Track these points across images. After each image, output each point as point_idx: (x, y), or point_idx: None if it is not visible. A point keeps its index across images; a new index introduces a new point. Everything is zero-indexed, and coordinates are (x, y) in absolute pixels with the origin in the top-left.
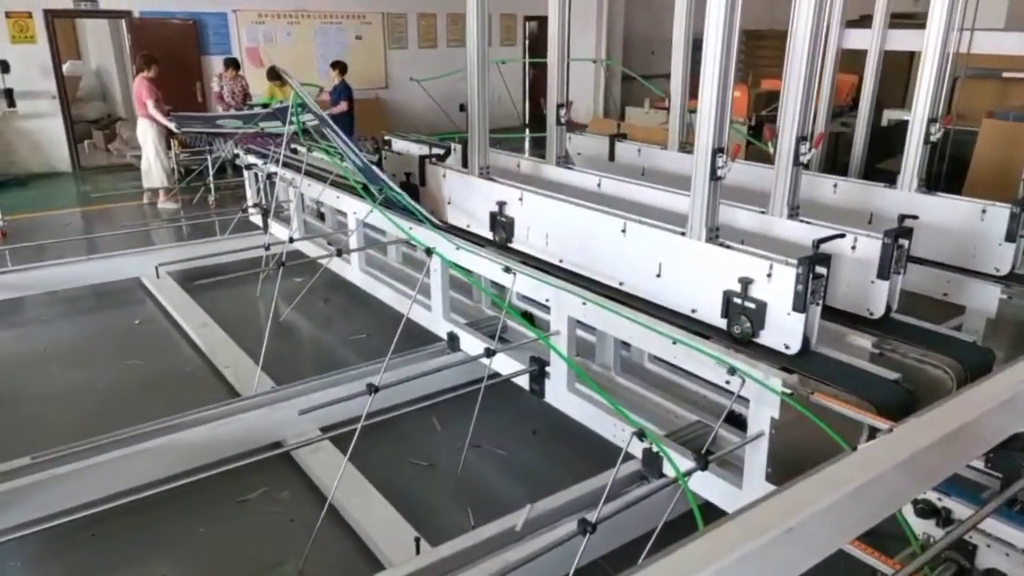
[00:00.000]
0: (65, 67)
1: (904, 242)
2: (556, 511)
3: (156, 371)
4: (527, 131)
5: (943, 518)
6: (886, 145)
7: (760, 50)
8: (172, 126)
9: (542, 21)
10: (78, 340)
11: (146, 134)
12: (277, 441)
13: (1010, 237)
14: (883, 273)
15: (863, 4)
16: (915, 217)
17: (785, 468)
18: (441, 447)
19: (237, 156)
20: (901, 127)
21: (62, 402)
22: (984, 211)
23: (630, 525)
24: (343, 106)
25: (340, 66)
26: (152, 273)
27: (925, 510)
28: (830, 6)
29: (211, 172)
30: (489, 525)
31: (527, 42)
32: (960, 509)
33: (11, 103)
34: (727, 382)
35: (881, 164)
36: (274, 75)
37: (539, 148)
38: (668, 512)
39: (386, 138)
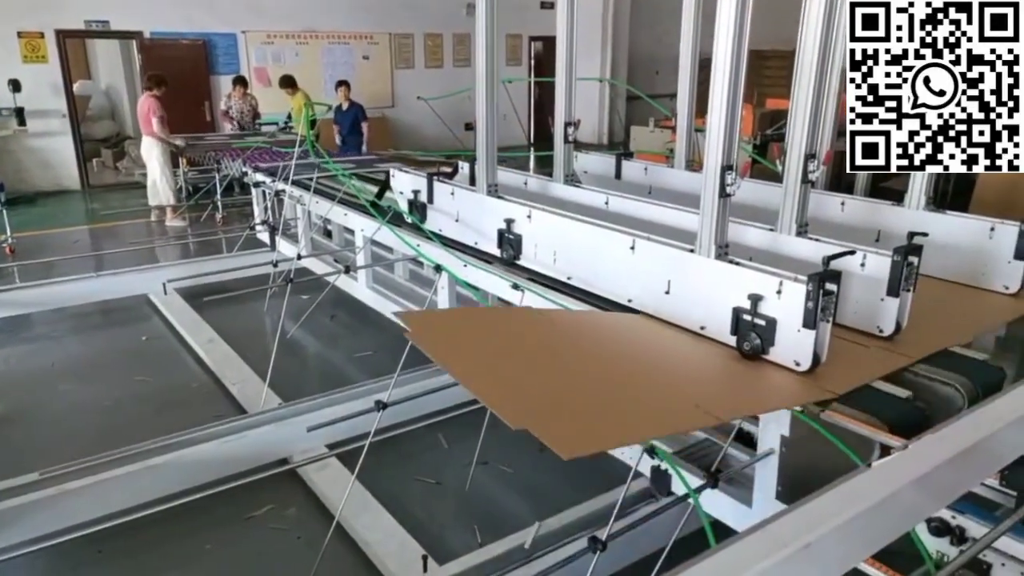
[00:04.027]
0: (75, 87)
1: (914, 259)
2: (565, 528)
3: (163, 387)
4: (531, 150)
5: (957, 536)
6: None
7: (764, 70)
8: (178, 143)
9: (547, 41)
10: (86, 356)
11: (150, 152)
12: (284, 458)
13: (1019, 255)
14: (893, 290)
15: None
16: (924, 234)
17: (796, 487)
18: (448, 464)
19: (245, 174)
20: None
21: (70, 418)
22: (993, 229)
23: (640, 543)
24: (366, 125)
25: (346, 85)
26: (159, 290)
27: (939, 528)
28: (837, 24)
29: (219, 190)
30: (497, 543)
31: (532, 62)
32: (974, 527)
33: (21, 122)
34: None
35: (886, 183)
36: (285, 83)
37: (544, 167)
38: (678, 530)
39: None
